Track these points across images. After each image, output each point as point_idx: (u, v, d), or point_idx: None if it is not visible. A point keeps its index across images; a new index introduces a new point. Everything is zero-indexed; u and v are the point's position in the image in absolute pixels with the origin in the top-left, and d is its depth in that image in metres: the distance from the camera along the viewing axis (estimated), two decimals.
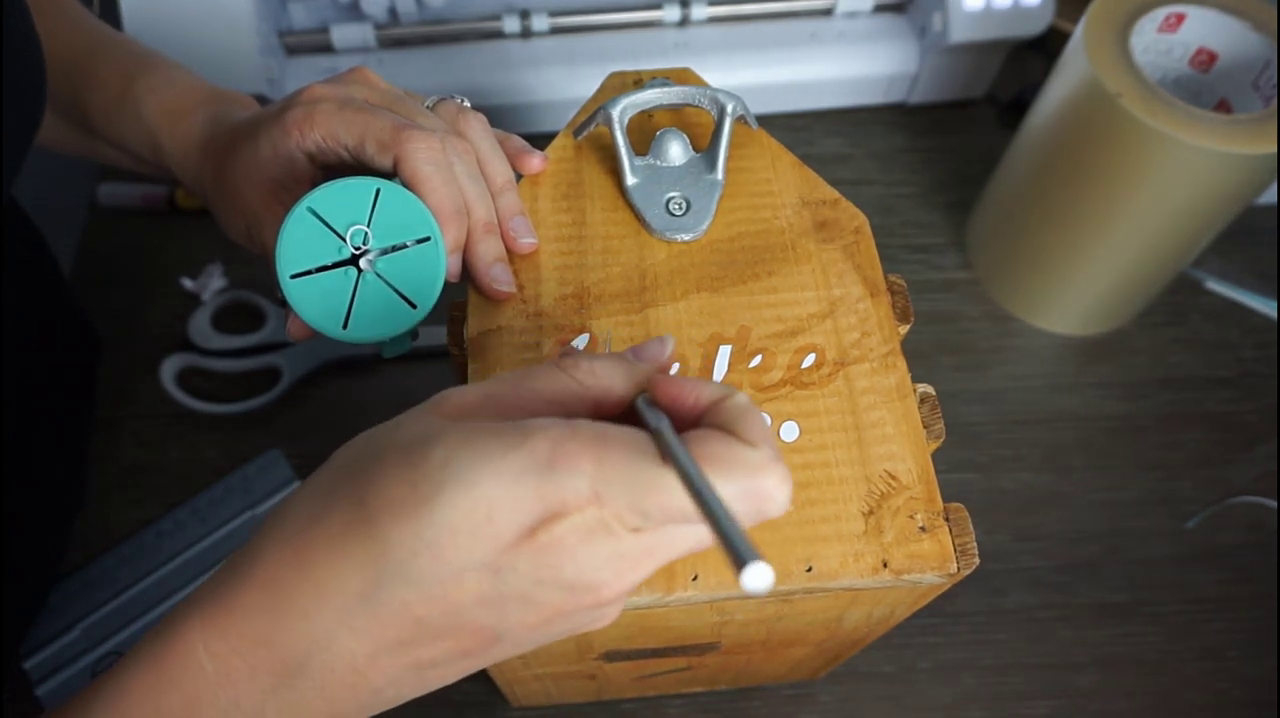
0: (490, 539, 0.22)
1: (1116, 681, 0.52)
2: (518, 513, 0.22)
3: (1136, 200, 0.51)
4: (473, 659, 0.25)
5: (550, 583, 0.23)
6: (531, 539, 0.22)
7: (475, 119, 0.37)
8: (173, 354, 0.59)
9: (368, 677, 0.24)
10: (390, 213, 0.32)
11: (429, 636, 0.23)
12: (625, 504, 0.22)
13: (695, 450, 0.22)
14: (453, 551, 0.22)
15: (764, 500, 0.22)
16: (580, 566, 0.23)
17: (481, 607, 0.23)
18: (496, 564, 0.23)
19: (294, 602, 0.23)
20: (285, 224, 0.32)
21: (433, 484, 0.22)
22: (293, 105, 0.34)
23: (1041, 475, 0.57)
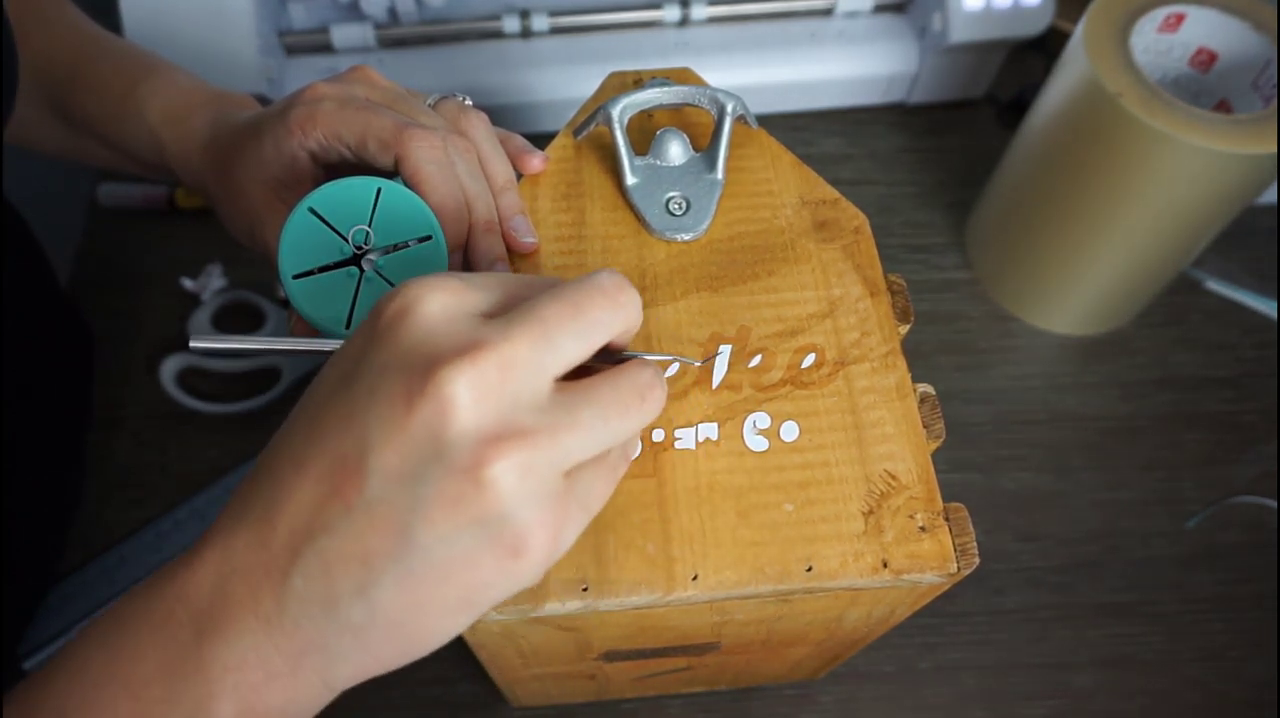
0: (344, 354, 0.24)
1: (1116, 681, 0.52)
2: (364, 327, 0.24)
3: (1136, 200, 0.51)
4: (359, 520, 0.22)
5: (393, 367, 0.22)
6: (374, 335, 0.23)
7: (477, 117, 0.37)
8: (173, 354, 0.59)
9: (281, 568, 0.23)
10: (392, 212, 0.32)
11: (309, 484, 0.23)
12: (463, 281, 0.24)
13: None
14: (318, 384, 0.24)
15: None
16: (421, 333, 0.23)
17: (342, 424, 0.23)
18: (349, 372, 0.23)
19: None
20: (287, 224, 0.32)
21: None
22: (295, 104, 0.34)
23: (1041, 475, 0.57)
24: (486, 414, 0.22)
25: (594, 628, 0.32)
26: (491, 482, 0.22)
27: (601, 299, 0.24)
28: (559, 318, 0.23)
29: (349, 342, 0.24)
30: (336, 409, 0.23)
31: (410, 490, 0.22)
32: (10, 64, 0.40)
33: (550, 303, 0.23)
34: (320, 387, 0.24)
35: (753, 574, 0.30)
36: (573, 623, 0.31)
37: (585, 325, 0.24)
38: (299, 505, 0.23)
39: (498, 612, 0.29)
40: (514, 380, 0.22)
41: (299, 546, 0.23)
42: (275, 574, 0.23)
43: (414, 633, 0.23)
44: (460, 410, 0.21)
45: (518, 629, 0.31)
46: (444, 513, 0.22)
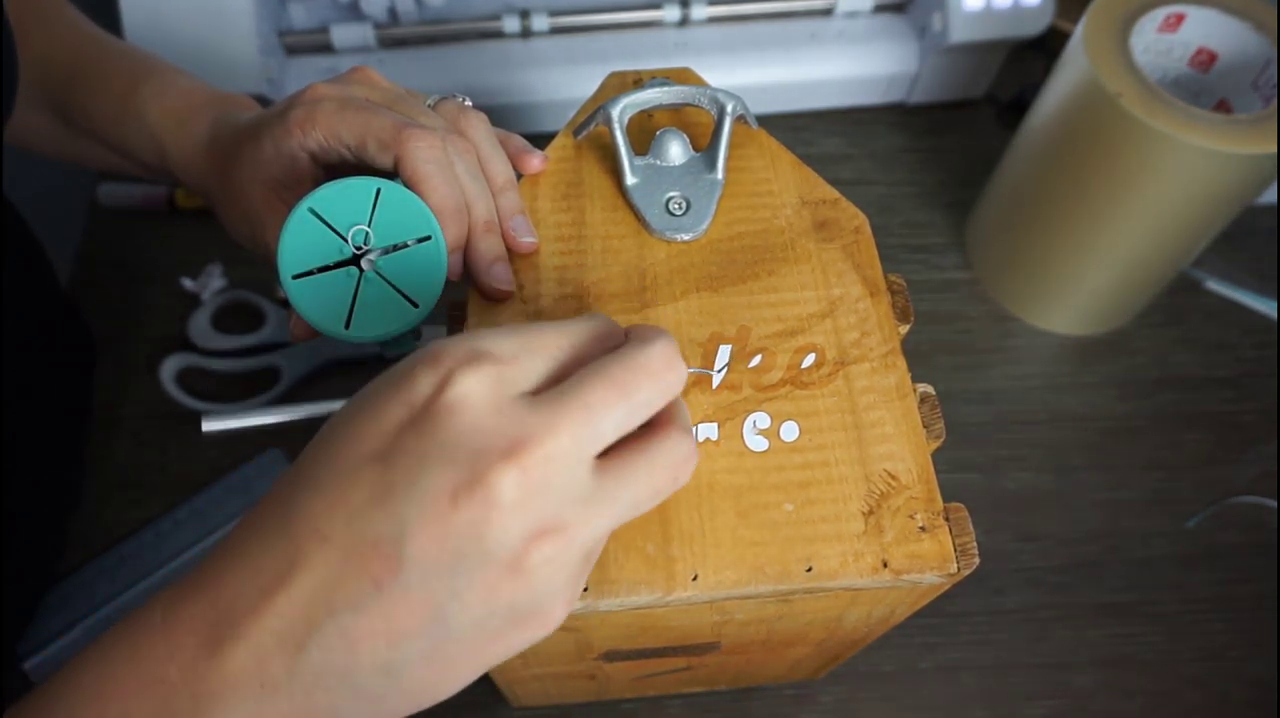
0: (376, 424, 0.23)
1: (1116, 681, 0.52)
2: (397, 396, 0.23)
3: (1136, 200, 0.51)
4: (389, 601, 0.22)
5: (436, 458, 0.22)
6: (413, 417, 0.23)
7: (476, 118, 0.37)
8: (173, 354, 0.59)
9: (296, 639, 0.22)
10: (391, 212, 0.32)
11: (335, 559, 0.22)
12: (509, 353, 0.24)
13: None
14: (343, 445, 0.23)
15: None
16: (466, 425, 0.22)
17: (375, 505, 0.22)
18: (384, 449, 0.23)
19: (225, 567, 0.23)
20: (286, 225, 0.32)
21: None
22: (295, 105, 0.34)
23: (1041, 475, 0.57)
24: (530, 513, 0.22)
25: (594, 628, 0.32)
26: (529, 574, 0.22)
27: (648, 382, 0.24)
28: (604, 403, 0.23)
29: (380, 408, 0.23)
30: (369, 487, 0.22)
31: (446, 580, 0.22)
32: (10, 65, 0.40)
33: (597, 385, 0.23)
34: (346, 452, 0.23)
35: (753, 574, 0.30)
36: (573, 623, 0.31)
37: (630, 408, 0.24)
38: (320, 579, 0.22)
39: None
40: (556, 475, 0.22)
41: (318, 619, 0.22)
42: (289, 645, 0.22)
43: (430, 694, 0.24)
44: (506, 511, 0.22)
45: None
46: (479, 599, 0.22)
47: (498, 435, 0.22)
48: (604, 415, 0.23)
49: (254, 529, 0.24)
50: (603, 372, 0.24)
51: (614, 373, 0.24)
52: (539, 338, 0.25)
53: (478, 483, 0.22)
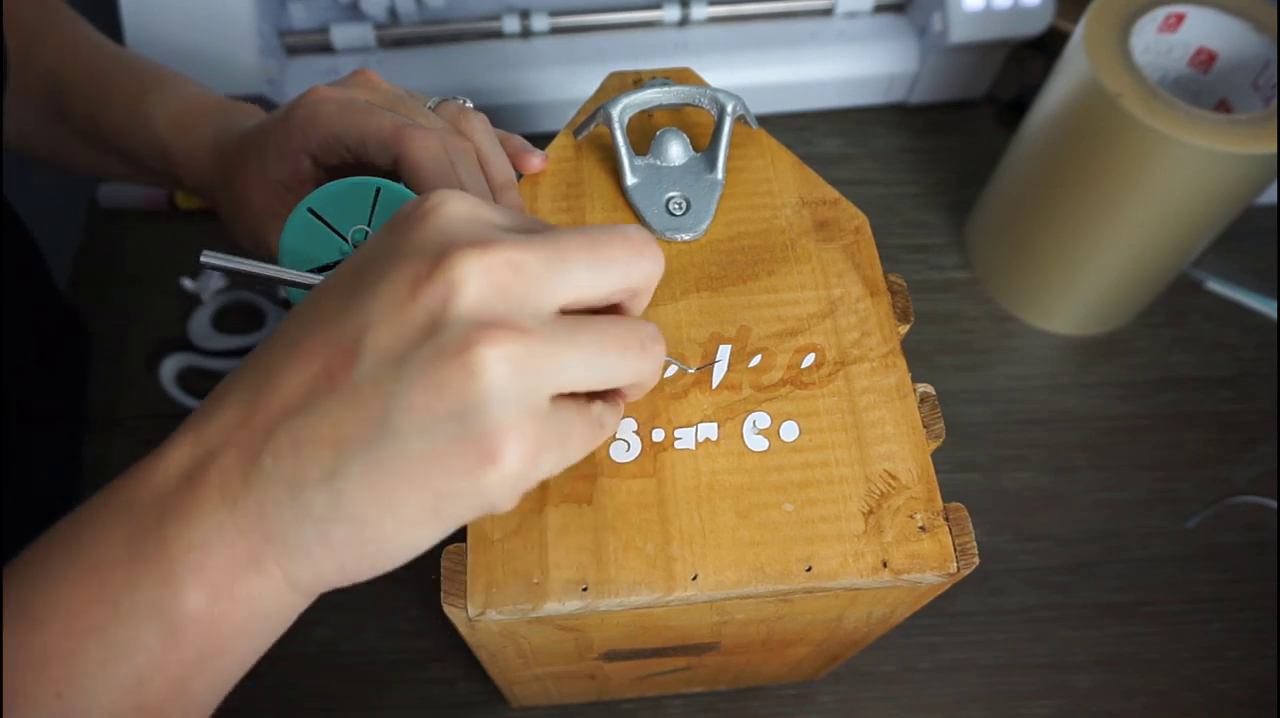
0: (362, 248, 0.24)
1: (1116, 681, 0.52)
2: (388, 222, 0.24)
3: (1136, 200, 0.51)
4: (339, 400, 0.22)
5: (405, 252, 0.22)
6: (394, 226, 0.24)
7: (476, 118, 0.38)
8: (173, 354, 0.59)
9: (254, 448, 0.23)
10: (390, 211, 0.32)
11: (301, 364, 0.23)
12: (493, 208, 0.24)
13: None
14: (329, 277, 0.24)
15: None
16: (439, 227, 0.23)
17: (344, 305, 0.23)
18: (361, 264, 0.23)
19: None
20: (287, 225, 0.32)
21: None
22: (296, 108, 0.35)
23: (1041, 475, 0.57)
24: (488, 304, 0.22)
25: (594, 628, 0.32)
26: (478, 368, 0.21)
27: (623, 243, 0.24)
28: (575, 245, 0.23)
29: (366, 241, 0.25)
30: (342, 295, 0.23)
31: (397, 371, 0.21)
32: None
33: (570, 233, 0.24)
34: (328, 281, 0.24)
35: (753, 574, 0.30)
36: (573, 623, 0.31)
37: (601, 260, 0.24)
38: (287, 386, 0.22)
39: (498, 612, 0.29)
40: (521, 285, 0.22)
41: (274, 425, 0.22)
42: (246, 453, 0.22)
43: (377, 535, 0.23)
44: (463, 294, 0.21)
45: (518, 629, 0.31)
46: (425, 399, 0.21)
47: (468, 236, 0.22)
48: (573, 255, 0.23)
49: (238, 371, 0.24)
50: (578, 228, 0.24)
51: (588, 230, 0.24)
52: (516, 212, 0.26)
53: (438, 268, 0.22)
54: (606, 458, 0.31)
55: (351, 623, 0.51)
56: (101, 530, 0.23)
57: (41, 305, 0.51)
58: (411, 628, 0.51)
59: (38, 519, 0.52)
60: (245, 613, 0.23)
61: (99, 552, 0.23)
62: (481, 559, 0.30)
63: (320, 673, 0.50)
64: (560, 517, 0.30)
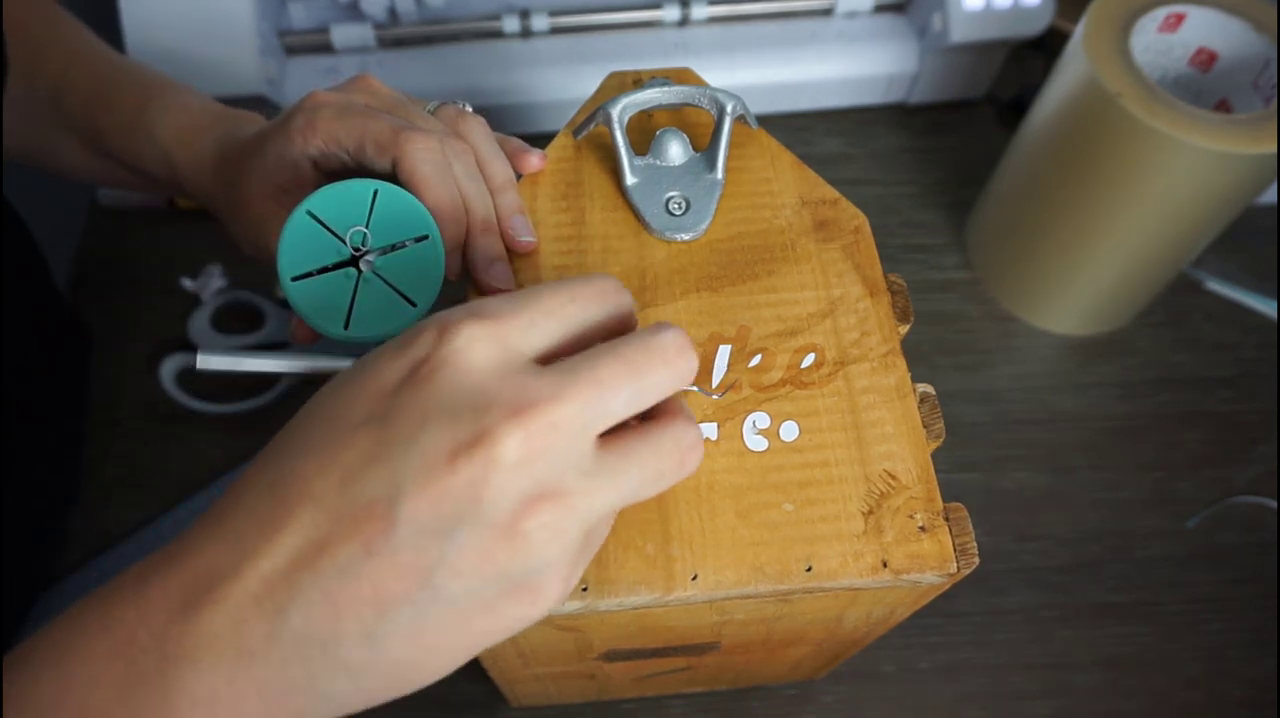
0: (375, 383, 0.23)
1: (1116, 681, 0.52)
2: (398, 357, 0.23)
3: (1136, 200, 0.51)
4: (378, 564, 0.21)
5: (436, 415, 0.21)
6: (413, 374, 0.22)
7: (475, 120, 0.38)
8: (173, 354, 0.59)
9: (277, 603, 0.21)
10: (388, 213, 0.32)
11: (324, 520, 0.21)
12: (513, 315, 0.23)
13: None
14: (339, 406, 0.23)
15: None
16: (470, 384, 0.22)
17: (370, 465, 0.21)
18: (380, 410, 0.22)
19: (209, 530, 0.23)
20: (285, 227, 0.32)
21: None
22: (295, 113, 0.35)
23: (1041, 475, 0.57)
24: (531, 476, 0.22)
25: (594, 628, 0.32)
26: (524, 540, 0.22)
27: (662, 365, 0.24)
28: (615, 380, 0.23)
29: (377, 368, 0.23)
30: (365, 447, 0.22)
31: (439, 542, 0.21)
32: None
33: (609, 362, 0.23)
34: (342, 412, 0.23)
35: (752, 574, 0.30)
36: (573, 623, 0.31)
37: (640, 389, 0.23)
38: (306, 539, 0.21)
39: None
40: (560, 442, 0.22)
41: (302, 582, 0.21)
42: (268, 609, 0.21)
43: (414, 674, 0.23)
44: (506, 472, 0.21)
45: None
46: (472, 565, 0.21)
47: (504, 397, 0.22)
48: (614, 392, 0.23)
49: (239, 495, 0.23)
50: (616, 350, 0.23)
51: (627, 353, 0.23)
52: (538, 298, 0.25)
53: (480, 442, 0.21)
54: None
55: None
56: (94, 668, 0.22)
57: (41, 305, 0.51)
58: None
59: (38, 519, 0.52)
60: None
61: (92, 696, 0.21)
62: None
63: None
64: None
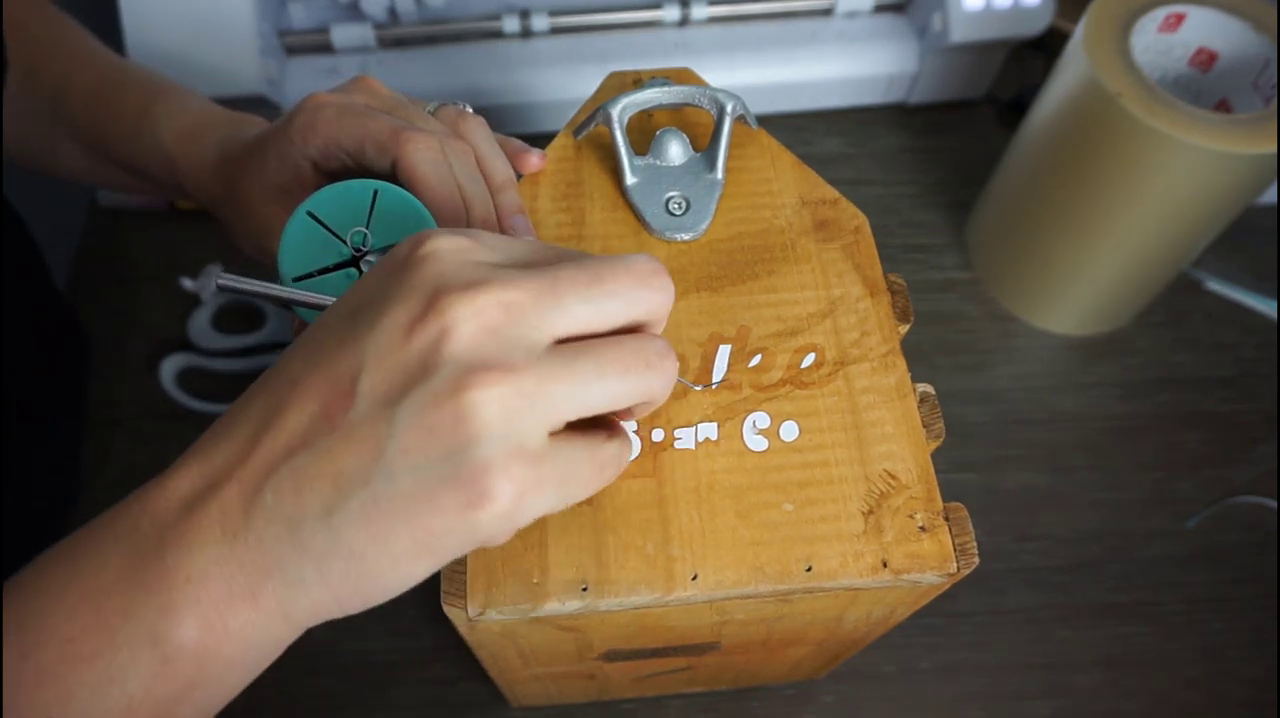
0: (356, 290, 0.24)
1: (1116, 681, 0.52)
2: (382, 262, 0.24)
3: (1136, 200, 0.51)
4: (337, 438, 0.22)
5: (399, 297, 0.23)
6: (391, 271, 0.24)
7: (475, 121, 0.38)
8: (173, 354, 0.59)
9: (255, 484, 0.23)
10: (389, 213, 0.32)
11: (303, 402, 0.23)
12: (489, 238, 0.25)
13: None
14: (328, 313, 0.24)
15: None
16: (435, 271, 0.23)
17: (341, 347, 0.23)
18: (359, 305, 0.24)
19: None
20: (286, 228, 0.32)
21: None
22: (296, 115, 0.35)
23: (1041, 475, 0.57)
24: (479, 346, 0.22)
25: (594, 628, 0.32)
26: (469, 411, 0.22)
27: (626, 276, 0.24)
28: (572, 280, 0.23)
29: (362, 279, 0.25)
30: (340, 335, 0.23)
31: (391, 413, 0.22)
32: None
33: (569, 266, 0.24)
34: (328, 318, 0.25)
35: (752, 574, 0.30)
36: (573, 623, 0.31)
37: (601, 293, 0.24)
38: (288, 424, 0.23)
39: (498, 612, 0.29)
40: (514, 323, 0.22)
41: (276, 462, 0.23)
42: (247, 488, 0.23)
43: (372, 570, 0.23)
44: (453, 339, 0.22)
45: (518, 629, 0.31)
46: (418, 439, 0.22)
47: (460, 277, 0.23)
48: (570, 289, 0.23)
49: (239, 403, 0.25)
50: (579, 258, 0.24)
51: (589, 261, 0.24)
52: (516, 241, 0.26)
53: (431, 311, 0.22)
54: None
55: (351, 623, 0.51)
56: (102, 555, 0.24)
57: (41, 305, 0.51)
58: (411, 628, 0.51)
59: (38, 519, 0.52)
60: (238, 645, 0.23)
61: (98, 577, 0.23)
62: (481, 559, 0.30)
63: (320, 673, 0.50)
64: (560, 517, 0.30)
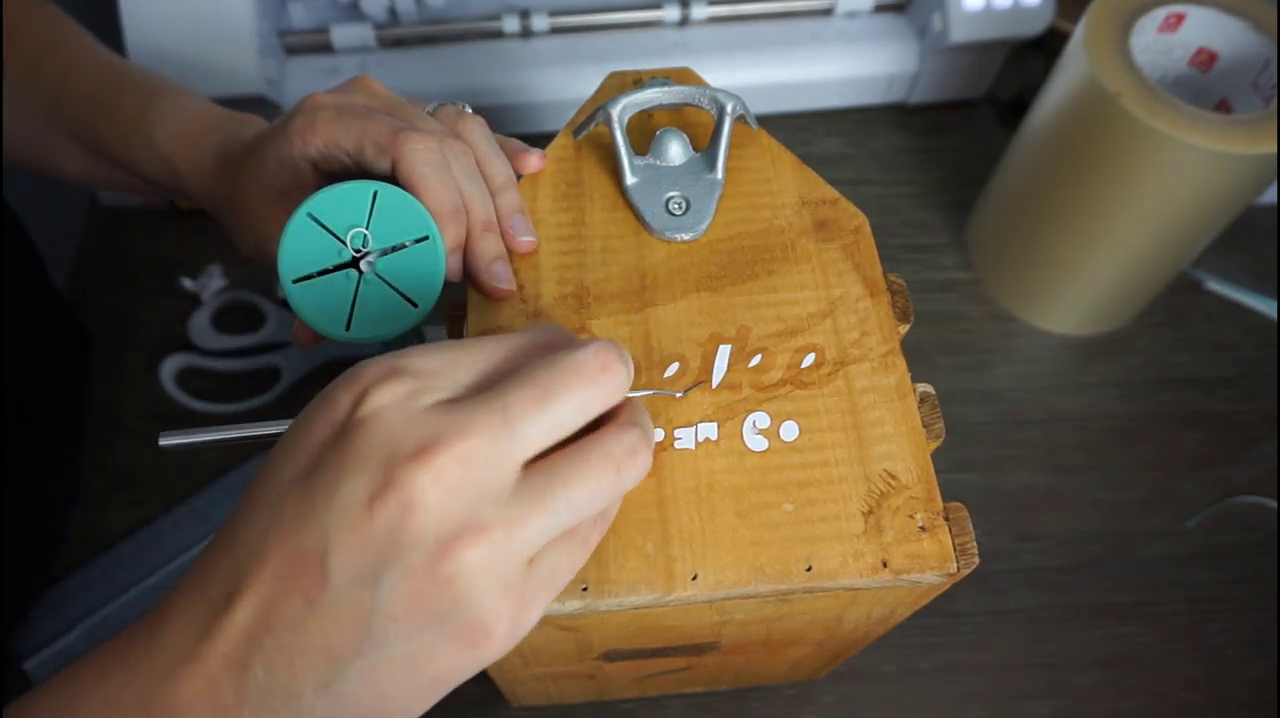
0: (302, 444, 0.23)
1: (1116, 681, 0.52)
2: (321, 415, 0.24)
3: (1136, 200, 0.51)
4: (321, 616, 0.22)
5: (352, 468, 0.22)
6: (336, 432, 0.23)
7: (475, 121, 0.38)
8: (173, 354, 0.59)
9: (241, 660, 0.23)
10: (388, 214, 0.32)
11: (270, 577, 0.22)
12: (429, 367, 0.23)
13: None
14: (276, 467, 0.24)
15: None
16: (382, 433, 0.22)
17: (301, 521, 0.22)
18: (309, 467, 0.23)
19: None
20: (286, 230, 0.32)
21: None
22: (295, 115, 0.35)
23: (1041, 475, 0.57)
24: (446, 513, 0.22)
25: (594, 628, 0.32)
26: (451, 580, 0.22)
27: (576, 383, 0.23)
28: (523, 407, 0.23)
29: (306, 429, 0.24)
30: (297, 504, 0.23)
31: (372, 591, 0.22)
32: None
33: (518, 389, 0.23)
34: (279, 474, 0.24)
35: (752, 574, 0.30)
36: (573, 623, 0.31)
37: (554, 413, 0.23)
38: (259, 597, 0.22)
39: None
40: (474, 476, 0.22)
41: (259, 637, 0.22)
42: (235, 667, 0.22)
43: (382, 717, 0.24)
44: (419, 511, 0.21)
45: None
46: (405, 608, 0.22)
47: (410, 439, 0.22)
48: (524, 419, 0.23)
49: (207, 557, 0.24)
50: (525, 375, 0.23)
51: (537, 376, 0.23)
52: (466, 352, 0.25)
53: (390, 485, 0.22)
54: None
55: None
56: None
57: (41, 305, 0.51)
58: None
59: (38, 519, 0.52)
60: None
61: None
62: None
63: None
64: None
